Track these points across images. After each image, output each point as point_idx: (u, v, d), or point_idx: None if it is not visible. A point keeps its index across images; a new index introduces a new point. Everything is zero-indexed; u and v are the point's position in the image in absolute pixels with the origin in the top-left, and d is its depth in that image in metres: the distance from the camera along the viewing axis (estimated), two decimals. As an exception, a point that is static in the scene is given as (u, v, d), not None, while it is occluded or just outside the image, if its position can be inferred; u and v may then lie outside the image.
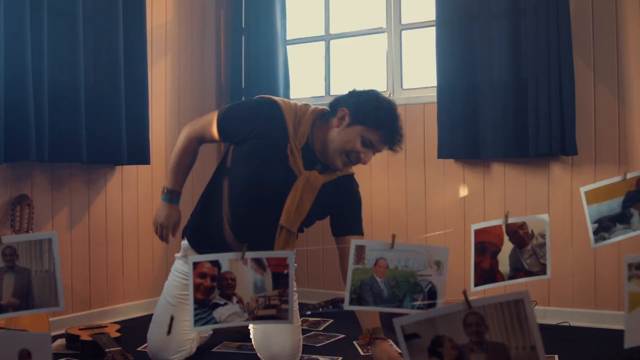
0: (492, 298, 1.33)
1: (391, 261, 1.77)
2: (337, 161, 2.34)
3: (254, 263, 1.62)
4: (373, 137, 2.31)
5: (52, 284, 1.47)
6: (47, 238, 1.45)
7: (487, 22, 3.41)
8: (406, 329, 1.35)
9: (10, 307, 1.46)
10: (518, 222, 1.95)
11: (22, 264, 1.46)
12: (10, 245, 1.44)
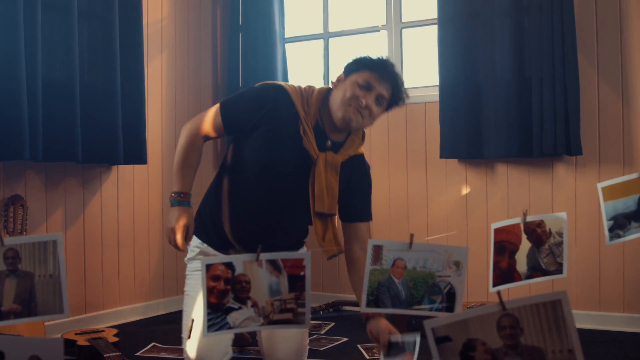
0: (527, 299, 1.26)
1: (409, 261, 1.70)
2: (342, 115, 2.22)
3: (269, 265, 1.54)
4: (368, 78, 2.21)
5: (57, 289, 1.39)
6: (52, 240, 1.37)
7: (490, 20, 3.36)
8: (437, 332, 1.28)
9: (12, 313, 1.38)
10: (536, 220, 1.89)
11: (24, 268, 1.38)
12: (12, 247, 1.36)
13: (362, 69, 2.24)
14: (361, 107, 2.21)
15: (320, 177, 2.27)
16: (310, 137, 2.27)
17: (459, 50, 3.40)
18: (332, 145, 2.32)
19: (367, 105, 2.21)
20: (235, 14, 3.98)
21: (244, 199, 2.33)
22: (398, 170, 3.71)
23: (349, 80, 2.25)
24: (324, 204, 2.29)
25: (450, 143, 3.43)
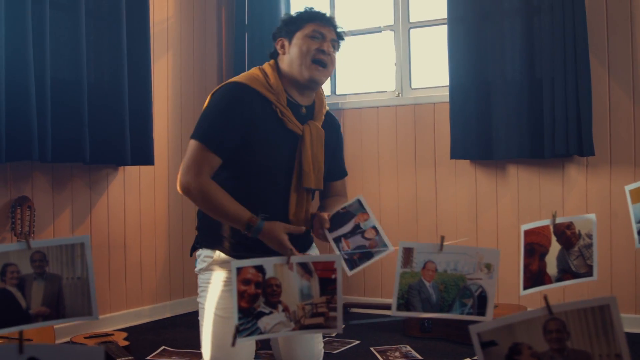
0: (575, 303, 1.23)
1: (440, 264, 1.67)
2: (308, 74, 2.22)
3: (300, 268, 1.50)
4: (315, 27, 2.25)
5: (85, 291, 1.35)
6: (79, 242, 1.33)
7: (500, 21, 3.34)
8: (483, 337, 1.25)
9: (40, 316, 1.34)
10: (565, 222, 1.87)
11: (52, 270, 1.34)
12: (39, 250, 1.32)
13: (305, 23, 2.27)
14: (324, 55, 2.22)
15: (307, 152, 2.26)
16: (289, 115, 2.24)
17: (469, 50, 3.38)
18: (307, 112, 2.32)
19: (329, 51, 2.24)
20: (242, 13, 3.94)
21: (255, 196, 2.24)
22: (406, 170, 3.68)
23: (296, 39, 2.26)
24: (310, 180, 2.27)
25: (461, 144, 3.40)
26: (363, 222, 2.20)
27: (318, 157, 2.30)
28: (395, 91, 3.77)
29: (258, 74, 2.28)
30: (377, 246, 2.19)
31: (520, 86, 3.29)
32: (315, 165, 2.29)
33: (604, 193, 3.25)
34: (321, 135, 2.31)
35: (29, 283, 1.32)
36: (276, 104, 2.23)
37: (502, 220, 3.46)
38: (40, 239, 2.92)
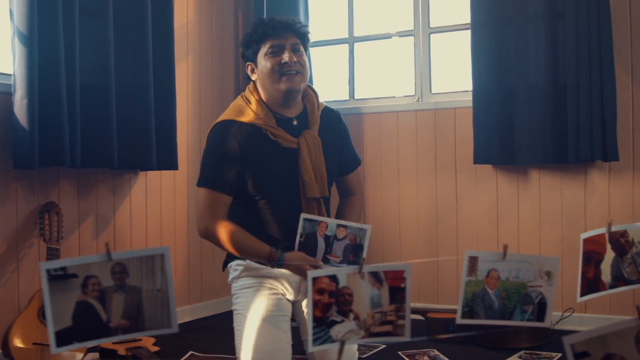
0: (666, 315, 1.24)
1: (503, 272, 1.68)
2: (284, 88, 2.28)
3: (372, 277, 1.51)
4: (270, 43, 2.29)
5: (165, 303, 1.34)
6: (160, 254, 1.32)
7: (524, 26, 3.36)
8: (576, 348, 1.26)
9: (120, 329, 1.33)
10: (620, 230, 1.88)
11: (132, 282, 1.32)
12: (120, 261, 1.31)
13: (259, 42, 2.31)
14: (289, 66, 2.26)
15: (306, 163, 2.30)
16: (282, 134, 2.30)
17: (493, 55, 3.39)
18: (299, 122, 2.36)
19: (292, 61, 2.27)
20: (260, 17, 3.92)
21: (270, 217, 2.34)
22: (426, 175, 3.69)
23: (259, 61, 2.32)
24: (314, 189, 2.32)
25: (484, 149, 3.41)
26: (326, 231, 2.25)
27: (319, 165, 2.34)
28: (415, 96, 3.78)
29: (242, 104, 2.36)
30: (357, 236, 2.24)
31: (544, 91, 3.30)
32: (317, 173, 2.33)
33: (626, 198, 3.28)
34: (317, 143, 2.35)
35: (109, 295, 1.30)
36: (266, 128, 2.29)
37: (523, 225, 3.48)
38: (66, 244, 2.90)
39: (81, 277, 1.29)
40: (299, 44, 2.33)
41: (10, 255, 2.78)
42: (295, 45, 2.32)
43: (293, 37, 2.32)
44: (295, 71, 2.28)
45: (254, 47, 2.33)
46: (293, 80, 2.28)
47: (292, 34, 2.32)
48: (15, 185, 2.79)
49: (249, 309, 2.27)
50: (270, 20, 2.33)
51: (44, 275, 1.25)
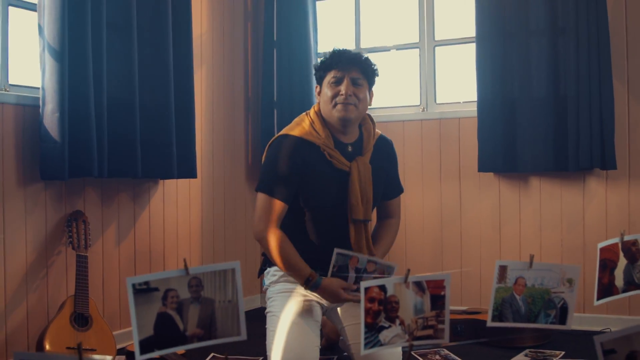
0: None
1: (529, 279, 1.84)
2: (337, 116, 2.49)
3: (415, 286, 1.65)
4: (334, 74, 2.50)
5: (235, 313, 1.47)
6: (231, 268, 1.45)
7: (526, 40, 3.52)
8: (605, 345, 1.42)
9: (195, 337, 1.46)
10: (632, 239, 2.05)
11: (206, 295, 1.45)
12: (196, 276, 1.44)
13: (326, 70, 2.53)
14: (345, 98, 2.47)
15: (355, 187, 2.50)
16: (337, 156, 2.51)
17: (496, 68, 3.55)
18: (354, 148, 2.56)
19: (347, 94, 2.47)
20: (270, 30, 4.05)
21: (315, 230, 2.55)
22: (431, 182, 3.85)
23: (323, 86, 2.54)
24: (359, 212, 2.52)
25: (488, 157, 3.57)
26: (357, 264, 2.43)
27: (366, 190, 2.54)
28: (421, 106, 3.94)
29: (306, 123, 2.56)
30: (385, 272, 2.42)
31: (545, 103, 3.47)
32: (363, 198, 2.53)
33: (622, 204, 3.45)
34: (368, 170, 2.55)
35: (186, 307, 1.43)
36: (324, 147, 2.50)
37: (524, 230, 3.65)
38: (91, 251, 2.99)
39: (162, 291, 1.41)
40: (361, 78, 2.52)
41: (40, 262, 2.88)
42: (357, 80, 2.50)
43: (356, 71, 2.50)
44: (349, 103, 2.47)
45: (322, 73, 2.54)
46: (347, 109, 2.47)
47: (356, 68, 2.50)
48: (44, 195, 2.89)
49: (283, 311, 2.42)
50: (340, 52, 2.53)
51: (130, 289, 1.37)
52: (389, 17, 4.21)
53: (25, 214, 2.81)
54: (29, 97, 2.82)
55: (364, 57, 2.57)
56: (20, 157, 2.78)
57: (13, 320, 2.76)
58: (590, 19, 3.33)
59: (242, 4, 4.19)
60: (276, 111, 4.01)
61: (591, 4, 3.32)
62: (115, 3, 3.03)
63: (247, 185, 4.16)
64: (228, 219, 4.01)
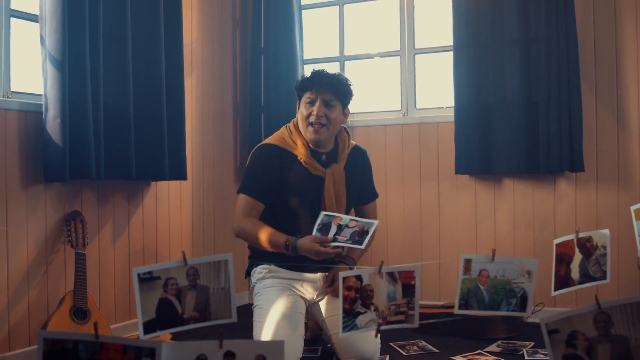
0: (618, 300, 1.61)
1: (491, 271, 2.03)
2: (308, 134, 2.74)
3: (388, 276, 1.85)
4: (308, 95, 2.74)
5: (227, 299, 1.66)
6: (224, 260, 1.64)
7: (500, 49, 3.72)
8: (549, 326, 1.62)
9: (192, 319, 1.64)
10: (586, 236, 2.24)
11: (202, 282, 1.64)
12: (193, 266, 1.62)
13: (303, 90, 2.77)
14: (316, 119, 2.70)
15: (330, 191, 2.76)
16: (313, 164, 2.76)
17: (473, 75, 3.75)
18: (328, 157, 2.82)
19: (318, 115, 2.70)
20: (257, 37, 4.24)
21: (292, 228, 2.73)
22: (411, 184, 4.05)
23: (301, 104, 2.80)
24: None
25: (464, 160, 3.77)
26: (340, 221, 2.62)
27: (340, 194, 2.80)
28: (402, 111, 4.14)
29: (285, 135, 2.81)
30: (365, 226, 2.58)
31: (518, 109, 3.67)
32: (337, 201, 2.79)
33: (591, 205, 3.67)
34: (342, 176, 2.80)
35: (184, 293, 1.61)
36: (300, 156, 2.75)
37: (499, 229, 3.85)
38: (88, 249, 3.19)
39: (163, 279, 1.60)
40: (334, 100, 2.73)
41: (41, 260, 3.05)
42: (329, 102, 2.72)
43: (329, 93, 2.72)
44: (321, 124, 2.70)
45: (300, 92, 2.78)
46: (318, 132, 2.72)
47: (329, 90, 2.71)
48: (45, 196, 3.06)
49: (270, 304, 2.62)
50: (317, 74, 2.73)
51: (135, 277, 1.55)
52: (371, 26, 4.41)
53: (27, 214, 2.98)
54: (31, 104, 2.99)
55: (339, 78, 2.77)
56: (23, 161, 2.95)
57: (15, 314, 2.92)
58: (560, 29, 3.54)
59: (230, 12, 4.38)
60: (263, 116, 4.20)
61: (561, 16, 3.53)
62: (111, 14, 3.21)
63: (236, 187, 4.32)
64: (217, 218, 4.19)
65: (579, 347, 1.63)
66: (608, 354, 1.58)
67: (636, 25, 3.55)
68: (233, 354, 1.32)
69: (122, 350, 1.31)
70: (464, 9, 3.76)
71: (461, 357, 3.01)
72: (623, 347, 1.63)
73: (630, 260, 3.54)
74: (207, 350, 1.31)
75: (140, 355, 1.32)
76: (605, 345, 1.59)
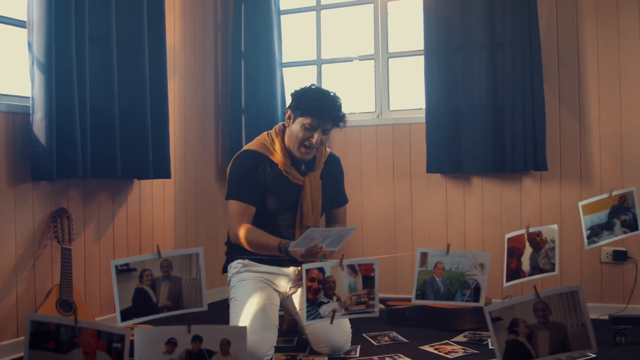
0: (555, 290, 1.80)
1: (446, 264, 2.22)
2: (298, 153, 2.92)
3: (349, 269, 2.02)
4: (311, 122, 2.88)
5: (198, 289, 1.82)
6: (195, 253, 1.81)
7: (469, 53, 3.90)
8: (492, 314, 1.80)
9: (165, 308, 1.81)
10: (536, 231, 2.43)
11: (175, 274, 1.80)
12: (167, 258, 1.79)
13: (304, 112, 2.89)
14: (311, 145, 2.88)
15: (307, 198, 2.96)
16: (292, 172, 2.96)
17: (442, 78, 3.93)
18: (306, 167, 3.01)
19: (317, 142, 2.89)
20: (238, 41, 4.40)
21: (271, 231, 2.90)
22: (385, 182, 4.22)
23: (297, 122, 2.91)
24: (309, 219, 2.98)
25: (435, 160, 3.95)
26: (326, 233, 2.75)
27: (316, 201, 3.01)
28: (376, 112, 4.31)
29: (267, 141, 2.98)
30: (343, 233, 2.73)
31: (485, 111, 3.85)
32: (314, 207, 3.00)
33: (554, 202, 3.86)
34: (318, 184, 3.01)
35: (158, 283, 1.77)
36: (281, 165, 2.94)
37: (468, 225, 4.04)
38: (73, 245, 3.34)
39: (139, 270, 1.76)
40: (331, 128, 2.91)
41: (28, 255, 3.19)
42: (328, 130, 2.90)
43: (329, 124, 2.89)
44: (315, 148, 2.89)
45: (299, 112, 2.88)
46: (309, 153, 2.91)
47: (331, 121, 2.88)
48: (32, 194, 3.21)
49: (245, 297, 2.79)
50: (323, 104, 2.85)
51: (113, 269, 1.71)
52: (347, 31, 4.58)
53: (15, 212, 3.13)
54: (19, 106, 3.13)
55: (340, 107, 2.94)
56: (12, 160, 3.10)
57: (3, 306, 3.07)
58: (524, 35, 3.72)
59: (212, 17, 4.53)
60: (244, 116, 4.36)
61: (525, 22, 3.71)
62: (96, 20, 3.36)
63: (217, 185, 4.50)
64: (200, 216, 4.35)
65: (520, 334, 1.80)
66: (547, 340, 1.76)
67: (596, 31, 3.74)
68: (200, 338, 1.48)
69: (97, 335, 1.46)
70: (434, 15, 3.94)
71: (429, 347, 3.18)
72: (560, 333, 1.80)
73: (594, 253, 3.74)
74: (176, 334, 1.46)
75: (112, 340, 1.47)
76: (544, 332, 1.77)
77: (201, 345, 1.45)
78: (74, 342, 1.43)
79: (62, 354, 1.41)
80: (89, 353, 1.40)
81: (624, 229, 2.61)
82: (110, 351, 1.43)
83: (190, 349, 1.44)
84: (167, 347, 1.43)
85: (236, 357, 1.44)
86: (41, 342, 1.44)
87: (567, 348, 1.79)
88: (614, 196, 2.61)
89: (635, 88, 3.69)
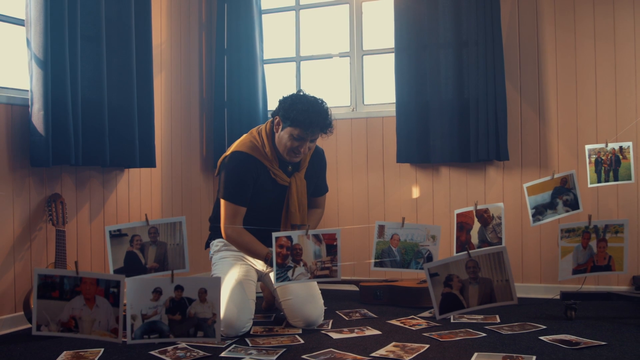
0: (484, 250, 2.10)
1: (402, 235, 2.50)
2: (287, 157, 3.14)
3: (314, 237, 2.29)
4: (300, 133, 3.06)
5: (181, 253, 2.09)
6: (179, 221, 2.07)
7: (436, 51, 4.18)
8: (431, 270, 2.09)
9: (152, 269, 2.07)
10: (483, 208, 2.70)
11: (161, 239, 2.07)
12: (154, 226, 2.05)
13: (294, 122, 3.05)
14: (299, 153, 3.09)
15: (293, 198, 3.17)
16: (279, 173, 3.17)
17: (412, 75, 4.21)
18: (293, 168, 3.23)
19: (304, 152, 3.11)
20: (221, 38, 4.66)
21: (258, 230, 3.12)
22: (360, 172, 4.50)
23: (286, 131, 3.09)
24: (296, 218, 3.19)
25: (405, 151, 4.23)
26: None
27: (302, 201, 3.23)
28: (351, 106, 4.59)
29: (258, 143, 3.16)
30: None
31: (452, 105, 4.13)
32: (300, 207, 3.22)
33: (516, 189, 4.15)
34: (304, 184, 3.22)
35: (146, 247, 2.04)
36: (270, 167, 3.14)
37: (437, 211, 4.32)
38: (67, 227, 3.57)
39: (130, 236, 2.02)
40: (317, 137, 3.09)
41: (25, 236, 3.44)
42: (315, 139, 3.09)
43: (317, 135, 3.08)
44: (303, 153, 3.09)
45: (289, 122, 3.02)
46: (297, 158, 3.10)
47: (319, 131, 3.06)
48: (29, 180, 3.46)
49: (225, 272, 3.05)
50: (311, 113, 2.99)
51: (107, 234, 1.97)
52: (324, 30, 4.85)
53: (13, 196, 3.38)
54: (18, 98, 3.38)
55: (329, 117, 3.10)
56: (11, 148, 3.35)
57: (2, 284, 3.31)
58: (487, 34, 4.01)
59: (197, 16, 4.79)
60: (226, 110, 4.62)
61: (488, 22, 4.00)
62: (87, 19, 3.61)
63: (201, 175, 4.76)
64: (185, 202, 4.61)
65: (454, 287, 2.09)
66: (476, 292, 2.04)
67: (555, 31, 4.04)
68: (182, 287, 1.74)
69: (96, 283, 1.72)
70: (404, 16, 4.21)
71: (396, 321, 3.45)
72: (488, 287, 2.09)
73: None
74: (161, 284, 1.72)
75: (109, 286, 1.73)
76: (474, 286, 2.05)
77: (182, 293, 1.70)
78: (76, 291, 1.69)
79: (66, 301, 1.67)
80: (89, 298, 1.65)
81: (566, 208, 2.89)
82: (107, 296, 1.68)
83: (174, 297, 1.69)
84: (154, 295, 1.69)
85: (211, 303, 1.70)
86: (47, 292, 1.69)
87: (492, 299, 2.08)
88: (556, 178, 2.89)
89: (590, 84, 3.99)
